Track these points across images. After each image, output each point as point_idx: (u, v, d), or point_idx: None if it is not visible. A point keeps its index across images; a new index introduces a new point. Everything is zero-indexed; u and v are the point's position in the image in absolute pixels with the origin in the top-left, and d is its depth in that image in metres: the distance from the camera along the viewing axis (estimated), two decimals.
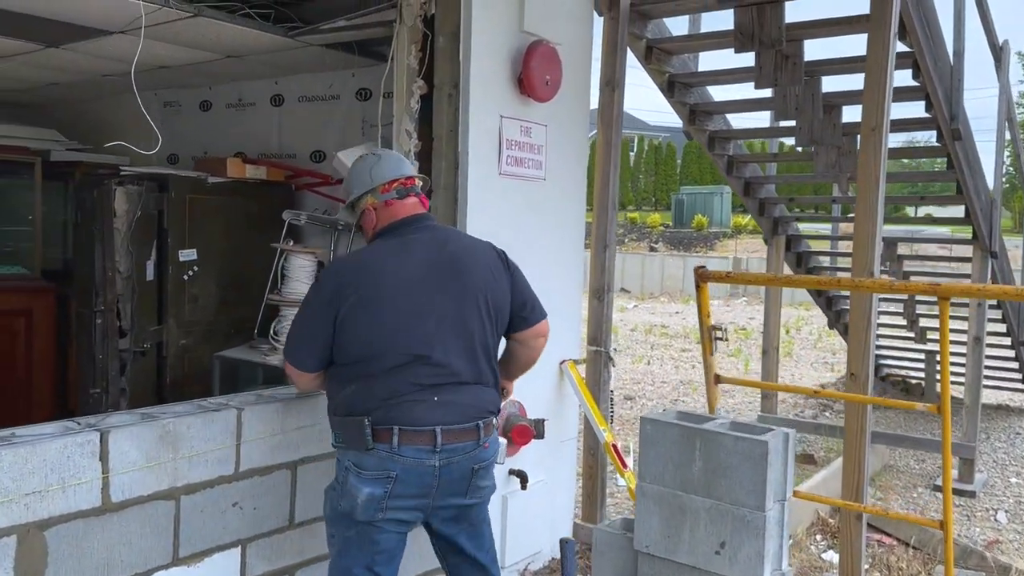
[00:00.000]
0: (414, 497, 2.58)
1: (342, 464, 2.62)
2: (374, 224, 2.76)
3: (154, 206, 4.43)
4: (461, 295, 2.64)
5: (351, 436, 2.56)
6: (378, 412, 2.52)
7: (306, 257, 4.18)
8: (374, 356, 2.55)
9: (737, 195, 6.56)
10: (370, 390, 2.55)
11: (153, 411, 2.75)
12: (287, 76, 5.23)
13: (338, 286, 2.59)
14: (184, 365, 4.66)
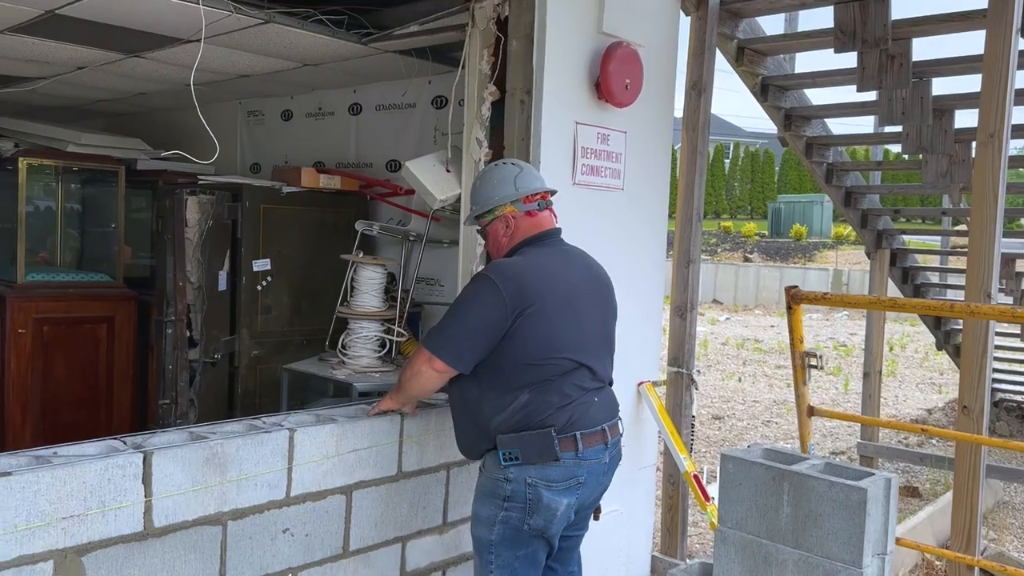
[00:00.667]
0: (590, 498, 2.71)
1: (519, 481, 2.58)
2: (509, 233, 2.78)
3: (228, 216, 4.40)
4: (605, 307, 2.84)
5: (534, 450, 2.56)
6: (558, 420, 2.57)
7: (375, 269, 4.06)
8: (551, 362, 2.59)
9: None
10: (545, 398, 2.58)
11: (202, 430, 2.65)
12: (365, 85, 5.16)
13: (519, 289, 2.58)
14: (256, 376, 4.62)
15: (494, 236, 2.80)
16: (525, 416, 2.57)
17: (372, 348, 4.07)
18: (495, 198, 2.77)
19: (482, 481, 2.70)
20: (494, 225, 2.79)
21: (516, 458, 2.57)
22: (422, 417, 3.08)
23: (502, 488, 2.60)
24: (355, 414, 3.02)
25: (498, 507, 2.61)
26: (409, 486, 3.06)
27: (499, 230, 2.78)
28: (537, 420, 2.56)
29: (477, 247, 3.65)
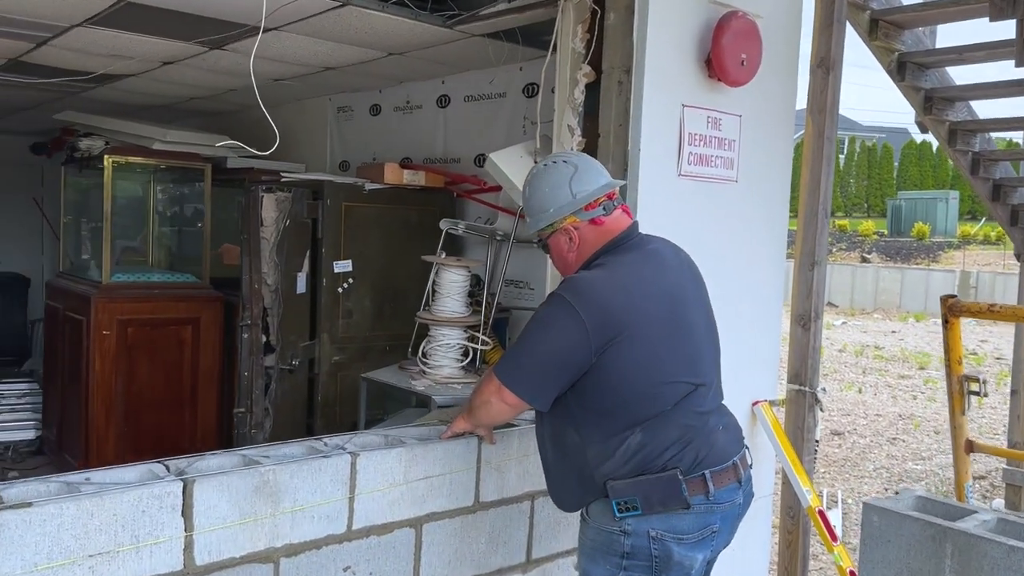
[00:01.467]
0: (723, 548, 2.35)
1: (639, 535, 2.16)
2: (575, 248, 2.34)
3: (307, 214, 4.16)
4: (707, 305, 2.42)
5: (658, 497, 2.15)
6: (683, 460, 2.16)
7: (458, 271, 3.72)
8: (662, 391, 2.18)
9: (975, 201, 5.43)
10: (661, 435, 2.16)
11: (255, 453, 2.36)
12: (453, 75, 4.85)
13: (604, 314, 2.14)
14: (337, 384, 4.37)
15: (557, 251, 2.38)
16: (642, 460, 2.15)
17: (454, 357, 3.73)
18: (550, 211, 2.33)
19: (589, 534, 2.27)
20: (555, 239, 2.36)
21: (634, 507, 2.14)
22: (503, 440, 2.72)
23: (619, 543, 2.17)
24: (427, 435, 2.68)
25: (616, 566, 2.18)
26: (487, 518, 2.70)
27: (562, 245, 2.35)
28: (657, 462, 2.15)
29: None
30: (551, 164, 2.38)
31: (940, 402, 9.84)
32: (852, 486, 6.23)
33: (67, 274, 5.44)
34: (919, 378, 11.33)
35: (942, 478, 6.56)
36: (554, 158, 2.44)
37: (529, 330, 2.24)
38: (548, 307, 2.22)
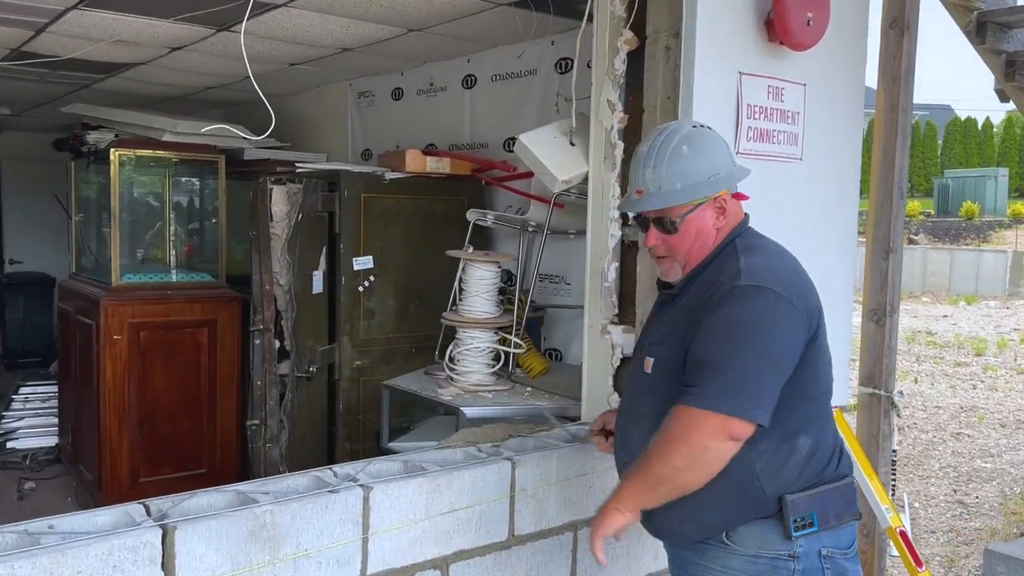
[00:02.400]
0: None
1: (810, 555, 1.85)
2: (721, 224, 1.97)
3: (322, 207, 3.83)
4: None
5: (835, 510, 1.89)
6: (845, 466, 1.97)
7: (487, 267, 3.36)
8: (828, 390, 1.98)
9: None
10: (824, 438, 1.94)
11: (252, 488, 2.03)
12: (479, 52, 4.47)
13: (808, 305, 1.89)
14: (359, 390, 4.05)
15: (699, 229, 1.93)
16: (815, 468, 1.87)
17: (484, 362, 3.39)
18: (716, 175, 1.92)
19: (734, 564, 1.87)
20: (702, 213, 1.93)
21: (810, 524, 1.83)
22: (540, 462, 2.36)
23: (785, 570, 1.83)
24: (452, 460, 2.34)
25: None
26: (524, 555, 2.35)
27: (708, 220, 1.94)
28: (832, 471, 1.90)
29: (609, 239, 2.88)
30: (702, 128, 2.02)
31: (1002, 391, 9.28)
32: (917, 488, 5.78)
33: (78, 275, 5.18)
34: (977, 365, 10.74)
35: (1015, 477, 6.08)
36: (693, 123, 2.09)
37: (737, 338, 1.78)
38: (754, 303, 1.79)
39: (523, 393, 3.29)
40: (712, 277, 1.89)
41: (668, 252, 1.96)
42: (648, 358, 1.96)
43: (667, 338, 1.93)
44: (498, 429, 2.50)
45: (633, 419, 2.03)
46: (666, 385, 1.88)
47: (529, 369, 3.49)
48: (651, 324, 2.10)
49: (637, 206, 1.96)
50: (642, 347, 2.08)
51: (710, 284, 1.87)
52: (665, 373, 1.90)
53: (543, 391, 3.30)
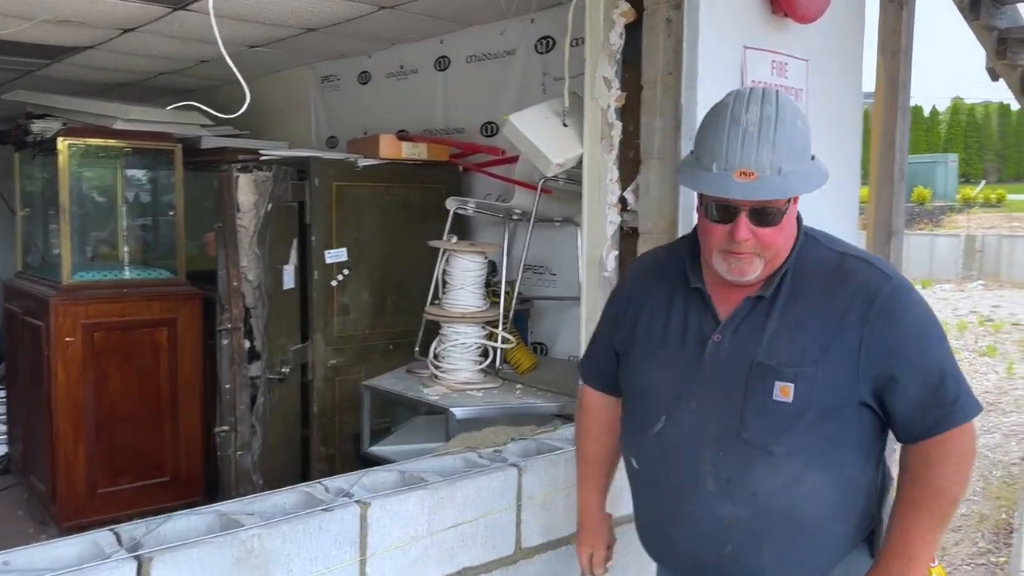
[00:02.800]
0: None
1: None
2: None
3: (292, 196, 3.59)
4: None
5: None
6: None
7: (473, 258, 3.17)
8: None
9: (970, 163, 4.87)
10: None
11: (233, 509, 1.82)
12: (453, 32, 4.26)
13: None
14: (334, 391, 3.83)
15: (790, 220, 1.60)
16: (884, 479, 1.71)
17: (472, 358, 3.20)
18: (820, 162, 1.60)
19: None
20: (795, 203, 1.61)
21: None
22: (547, 467, 2.19)
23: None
24: (452, 468, 2.15)
25: None
26: (532, 568, 2.18)
27: (795, 209, 1.62)
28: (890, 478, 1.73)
29: (607, 225, 2.71)
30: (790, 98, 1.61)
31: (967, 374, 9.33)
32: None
33: (24, 274, 4.85)
34: (965, 352, 10.83)
35: (993, 461, 6.08)
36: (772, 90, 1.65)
37: (940, 337, 1.59)
38: (926, 310, 1.59)
39: (514, 390, 3.11)
40: (824, 275, 1.59)
41: (757, 248, 1.55)
42: (784, 383, 1.55)
43: (807, 358, 1.55)
44: (499, 432, 2.32)
45: (747, 457, 1.57)
46: (816, 416, 1.54)
47: (517, 365, 3.31)
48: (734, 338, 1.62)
49: (757, 192, 1.49)
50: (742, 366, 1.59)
51: (836, 284, 1.57)
52: (815, 401, 1.54)
53: (535, 388, 3.12)
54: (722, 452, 1.59)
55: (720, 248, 1.57)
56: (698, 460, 1.61)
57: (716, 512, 1.59)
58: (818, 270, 1.60)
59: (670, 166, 2.56)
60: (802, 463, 1.55)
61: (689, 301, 1.68)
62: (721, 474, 1.59)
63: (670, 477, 1.65)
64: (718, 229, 1.56)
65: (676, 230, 2.54)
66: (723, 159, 1.51)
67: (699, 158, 1.56)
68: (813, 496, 1.56)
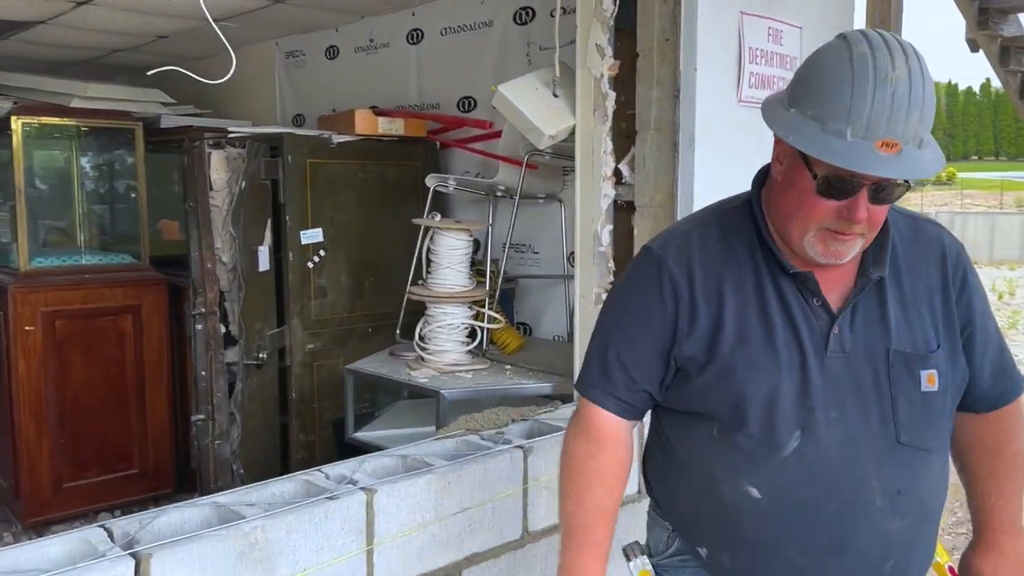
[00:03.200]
0: None
1: None
2: None
3: (266, 174, 3.45)
4: None
5: None
6: None
7: (458, 236, 3.07)
8: None
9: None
10: None
11: (230, 500, 1.71)
12: (426, 3, 4.13)
13: None
14: (313, 376, 3.70)
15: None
16: None
17: (459, 339, 3.11)
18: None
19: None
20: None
21: None
22: (552, 449, 2.11)
23: None
24: (456, 451, 2.06)
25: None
26: (539, 551, 2.11)
27: None
28: None
29: (602, 199, 2.63)
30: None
31: None
32: None
33: None
34: None
35: None
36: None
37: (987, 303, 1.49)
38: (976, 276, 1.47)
39: (504, 371, 3.03)
40: (911, 244, 1.43)
41: (865, 229, 1.32)
42: (929, 371, 1.37)
43: (931, 339, 1.40)
44: (500, 413, 2.24)
45: (909, 462, 1.38)
46: (952, 402, 1.41)
47: (504, 345, 3.23)
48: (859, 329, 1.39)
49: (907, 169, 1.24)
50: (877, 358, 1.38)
51: (924, 252, 1.43)
52: (951, 384, 1.40)
53: (525, 368, 3.04)
54: (885, 462, 1.36)
55: (823, 226, 1.31)
56: (862, 478, 1.35)
57: (884, 529, 1.37)
58: (905, 240, 1.43)
59: (667, 137, 2.49)
60: (945, 454, 1.43)
61: (784, 292, 1.39)
62: (889, 487, 1.36)
63: (829, 503, 1.36)
64: (828, 206, 1.29)
65: (674, 204, 2.48)
66: (863, 125, 1.21)
67: (822, 119, 1.25)
68: (945, 487, 1.43)
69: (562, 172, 3.52)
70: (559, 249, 3.54)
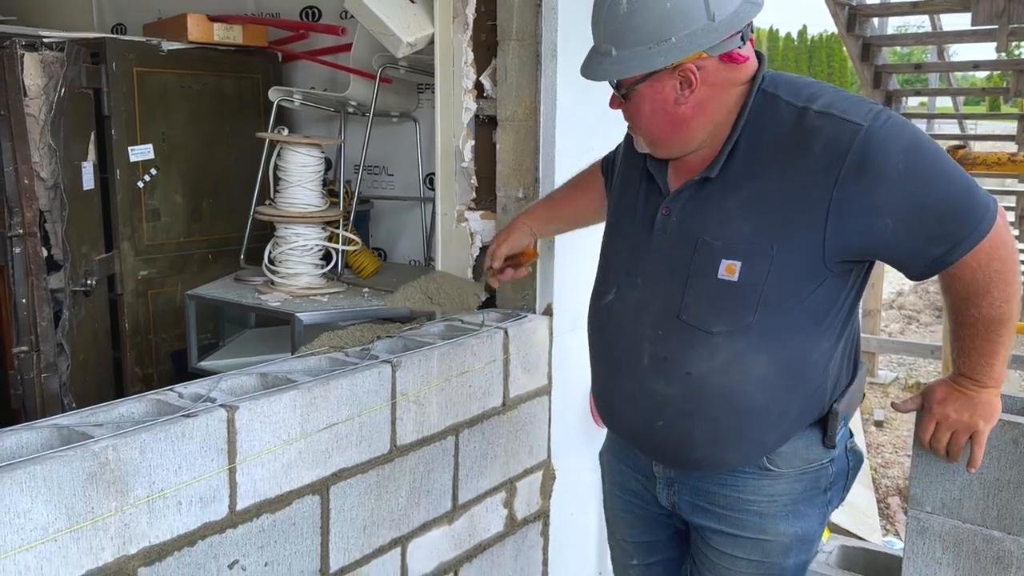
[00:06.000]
0: None
1: (840, 454, 1.64)
2: (691, 97, 1.48)
3: (88, 83, 3.11)
4: None
5: (858, 397, 1.67)
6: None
7: (309, 151, 2.91)
8: None
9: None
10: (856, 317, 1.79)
11: (74, 422, 1.56)
12: None
13: None
14: (148, 306, 3.45)
15: (658, 104, 1.51)
16: (853, 353, 1.62)
17: (312, 261, 2.98)
18: (670, 40, 1.43)
19: (781, 487, 1.60)
20: (656, 86, 1.49)
21: (844, 422, 1.60)
22: (420, 363, 2.07)
23: (824, 475, 1.62)
24: (320, 368, 1.98)
25: (821, 505, 1.64)
26: (407, 465, 2.08)
27: (668, 95, 1.49)
28: (857, 353, 1.64)
29: (463, 112, 2.57)
30: None
31: None
32: None
33: None
34: None
35: None
36: None
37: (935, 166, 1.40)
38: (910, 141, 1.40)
39: (362, 294, 2.94)
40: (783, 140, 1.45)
41: (634, 125, 1.62)
42: (730, 261, 1.46)
43: (761, 235, 1.44)
44: (364, 330, 2.17)
45: (684, 337, 1.52)
46: (765, 295, 1.45)
47: (361, 269, 3.13)
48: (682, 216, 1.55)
49: (594, 72, 1.55)
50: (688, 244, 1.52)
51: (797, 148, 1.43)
52: (765, 279, 1.45)
53: (383, 291, 2.97)
54: (661, 331, 1.56)
55: None
56: (638, 337, 1.59)
57: (649, 387, 1.60)
58: (776, 135, 1.46)
59: (530, 49, 2.44)
60: (744, 344, 1.49)
61: (647, 176, 1.66)
62: (658, 352, 1.57)
63: (612, 349, 1.67)
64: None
65: (537, 117, 2.45)
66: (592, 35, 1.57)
67: None
68: (753, 376, 1.50)
69: (416, 89, 3.41)
70: (415, 171, 3.45)
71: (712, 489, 1.64)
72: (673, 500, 1.72)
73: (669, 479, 1.71)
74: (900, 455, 4.68)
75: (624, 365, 1.64)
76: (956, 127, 8.19)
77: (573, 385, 2.59)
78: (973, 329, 1.46)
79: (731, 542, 1.65)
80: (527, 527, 2.54)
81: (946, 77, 7.43)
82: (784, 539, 1.61)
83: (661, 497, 1.75)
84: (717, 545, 1.67)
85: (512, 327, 2.34)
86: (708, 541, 1.69)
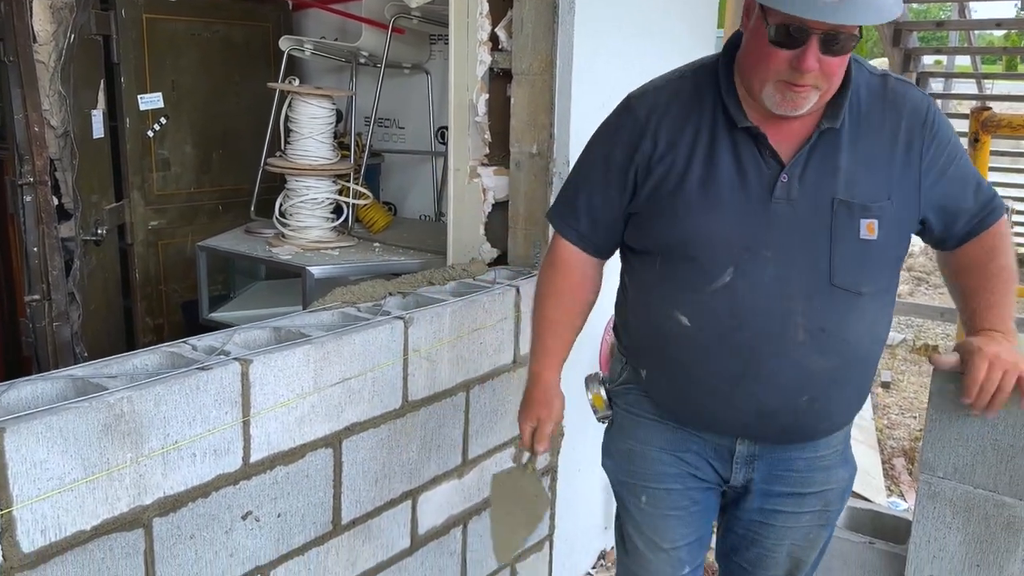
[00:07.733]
0: None
1: None
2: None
3: (97, 29, 3.07)
4: None
5: None
6: None
7: (320, 103, 2.88)
8: None
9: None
10: None
11: (88, 373, 1.56)
12: None
13: None
14: (158, 256, 3.46)
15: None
16: None
17: (323, 215, 2.96)
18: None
19: (839, 438, 1.66)
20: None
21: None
22: (433, 320, 2.07)
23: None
24: (333, 323, 1.98)
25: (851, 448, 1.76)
26: (418, 420, 2.09)
27: None
28: None
29: (478, 65, 2.52)
30: None
31: None
32: None
33: None
34: None
35: None
36: None
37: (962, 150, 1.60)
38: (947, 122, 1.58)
39: (372, 248, 2.93)
40: (878, 101, 1.50)
41: (818, 80, 1.37)
42: (870, 220, 1.45)
43: (882, 191, 1.47)
44: (377, 286, 2.16)
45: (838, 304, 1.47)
46: (895, 250, 1.52)
47: (372, 223, 3.12)
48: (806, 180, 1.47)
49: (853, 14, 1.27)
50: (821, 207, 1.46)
51: (890, 109, 1.49)
52: (893, 234, 1.49)
53: (394, 246, 2.96)
54: (814, 301, 1.46)
55: (779, 78, 1.37)
56: (787, 312, 1.46)
57: (801, 363, 1.48)
58: (871, 96, 1.50)
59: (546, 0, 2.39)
60: (879, 303, 1.52)
61: (738, 142, 1.48)
62: (812, 324, 1.46)
63: (744, 332, 1.48)
64: (780, 56, 1.35)
65: (553, 71, 2.40)
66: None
67: None
68: (880, 336, 1.56)
69: (429, 41, 3.35)
70: (426, 124, 3.41)
71: (793, 455, 1.62)
72: (750, 476, 1.65)
73: (751, 456, 1.63)
74: (906, 416, 4.70)
75: (764, 346, 1.48)
76: (974, 87, 8.04)
77: (581, 342, 2.58)
78: (997, 279, 1.55)
79: (798, 501, 1.65)
80: None
81: (967, 36, 7.28)
82: (842, 484, 1.68)
83: (737, 476, 1.65)
84: (784, 507, 1.66)
85: (524, 285, 2.33)
86: (776, 506, 1.66)
